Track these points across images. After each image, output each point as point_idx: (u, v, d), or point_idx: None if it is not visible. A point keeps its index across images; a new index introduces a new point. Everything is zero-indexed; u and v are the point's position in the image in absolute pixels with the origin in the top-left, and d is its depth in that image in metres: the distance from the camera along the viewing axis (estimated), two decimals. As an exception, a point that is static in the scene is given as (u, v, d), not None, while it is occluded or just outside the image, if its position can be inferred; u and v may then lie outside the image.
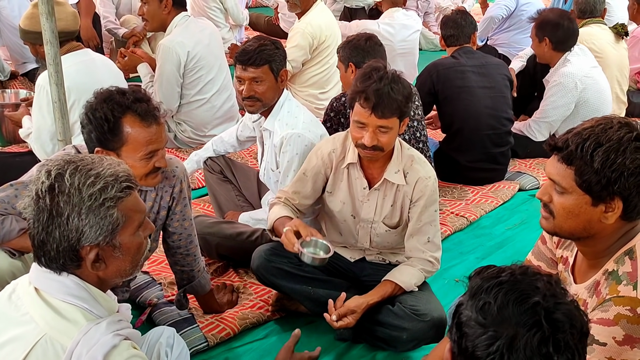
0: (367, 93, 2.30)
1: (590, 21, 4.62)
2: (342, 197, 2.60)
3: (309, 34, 4.31)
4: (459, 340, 1.22)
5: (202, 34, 4.08)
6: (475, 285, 1.24)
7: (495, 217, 3.67)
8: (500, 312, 1.18)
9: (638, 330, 1.55)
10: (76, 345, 1.42)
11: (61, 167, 1.47)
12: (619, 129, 1.57)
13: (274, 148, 2.83)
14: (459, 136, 3.81)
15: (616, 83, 4.53)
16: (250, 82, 2.73)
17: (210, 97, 4.14)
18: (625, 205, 1.58)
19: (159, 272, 2.92)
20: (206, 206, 3.51)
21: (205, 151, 3.31)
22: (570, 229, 1.67)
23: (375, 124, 2.33)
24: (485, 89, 3.79)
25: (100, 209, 1.45)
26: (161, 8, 3.94)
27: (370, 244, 2.66)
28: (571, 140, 1.59)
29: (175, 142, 4.22)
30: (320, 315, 2.62)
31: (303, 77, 4.50)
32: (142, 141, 2.07)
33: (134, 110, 2.07)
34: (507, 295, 1.19)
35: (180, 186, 2.40)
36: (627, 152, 1.54)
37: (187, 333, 2.50)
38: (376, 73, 2.34)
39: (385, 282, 2.51)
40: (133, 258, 1.55)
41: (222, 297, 2.74)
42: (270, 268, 2.57)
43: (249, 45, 2.74)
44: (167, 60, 3.95)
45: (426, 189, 2.48)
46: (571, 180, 1.60)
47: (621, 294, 1.58)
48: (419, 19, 5.29)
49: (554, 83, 3.99)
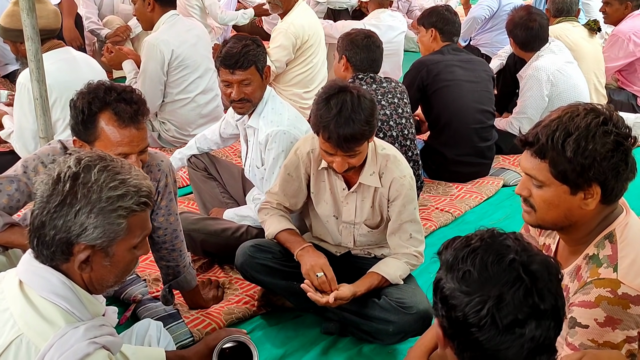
0: (329, 131, 2.27)
1: (564, 19, 4.69)
2: (326, 197, 2.61)
3: (291, 34, 4.31)
4: (447, 313, 1.24)
5: (188, 33, 4.07)
6: (450, 257, 1.27)
7: (479, 212, 3.69)
8: (481, 276, 1.22)
9: (619, 312, 1.57)
10: (49, 348, 1.39)
11: (92, 160, 1.46)
12: (586, 116, 1.59)
13: (259, 145, 2.83)
14: (446, 130, 3.83)
15: (593, 75, 4.58)
16: (239, 84, 2.71)
17: (194, 96, 4.12)
18: (603, 189, 1.60)
19: (143, 268, 2.91)
20: (191, 204, 3.50)
21: (189, 149, 3.30)
22: (553, 220, 1.68)
23: (342, 154, 2.33)
24: (472, 84, 3.83)
25: (111, 215, 1.43)
26: (145, 6, 3.93)
27: (354, 244, 2.67)
28: (541, 133, 1.61)
29: (159, 142, 4.19)
30: (306, 310, 2.63)
31: (287, 77, 4.50)
32: (113, 141, 2.06)
33: (112, 108, 2.05)
34: (484, 259, 1.23)
35: (165, 180, 2.38)
36: (596, 137, 1.56)
37: (172, 328, 2.49)
38: (336, 103, 2.28)
39: (371, 274, 2.51)
40: (119, 272, 1.52)
41: (208, 293, 2.73)
42: (254, 264, 2.56)
43: (230, 47, 2.69)
44: (150, 58, 3.93)
45: (402, 188, 2.48)
46: (547, 173, 1.62)
47: (602, 277, 1.61)
48: (404, 20, 5.32)
49: (527, 77, 4.07)
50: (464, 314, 1.21)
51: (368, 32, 3.31)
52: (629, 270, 1.59)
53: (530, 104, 4.06)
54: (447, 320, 1.25)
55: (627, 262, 1.61)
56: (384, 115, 3.26)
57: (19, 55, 3.45)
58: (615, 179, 1.60)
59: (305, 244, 2.53)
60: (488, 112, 3.90)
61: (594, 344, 1.58)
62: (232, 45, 2.69)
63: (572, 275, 1.71)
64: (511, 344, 1.19)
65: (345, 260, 2.71)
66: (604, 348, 1.57)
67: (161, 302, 2.60)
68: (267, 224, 2.61)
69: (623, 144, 1.59)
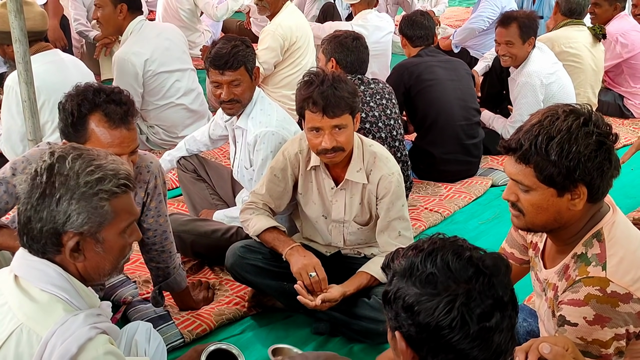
0: (314, 97, 2.34)
1: (572, 22, 4.62)
2: (313, 197, 2.62)
3: (279, 36, 4.32)
4: (414, 320, 1.22)
5: (158, 38, 4.05)
6: (406, 266, 1.26)
7: (468, 212, 3.71)
8: (445, 276, 1.22)
9: (608, 310, 1.58)
10: (51, 335, 1.40)
11: (65, 151, 1.48)
12: (566, 118, 1.60)
13: (247, 146, 2.83)
14: (433, 129, 3.85)
15: (589, 87, 4.60)
16: (228, 85, 2.72)
17: (177, 99, 4.12)
18: (590, 189, 1.62)
19: (133, 270, 2.90)
20: (180, 206, 3.49)
21: (178, 151, 3.29)
22: (542, 223, 1.69)
23: (329, 124, 2.36)
24: (453, 82, 3.87)
25: (92, 198, 1.45)
26: (116, 13, 3.89)
27: (344, 243, 2.68)
28: (523, 139, 1.61)
29: (148, 144, 4.18)
30: (296, 310, 2.63)
31: (276, 79, 4.50)
32: (104, 142, 2.06)
33: (102, 110, 2.06)
34: (444, 259, 1.23)
35: (154, 182, 2.38)
36: (579, 139, 1.57)
37: (163, 329, 2.49)
38: (317, 78, 2.38)
39: (360, 273, 2.53)
40: (114, 258, 1.53)
41: (198, 294, 2.73)
42: (244, 265, 2.57)
43: (220, 48, 2.70)
44: (122, 72, 3.90)
45: (390, 185, 2.50)
46: (533, 178, 1.62)
47: (591, 275, 1.62)
48: (391, 21, 5.33)
49: (520, 85, 4.05)
50: (433, 317, 1.20)
51: (355, 34, 3.33)
52: (617, 269, 1.61)
53: (526, 110, 4.06)
54: (415, 327, 1.23)
55: (615, 260, 1.62)
56: (372, 117, 3.28)
57: (6, 58, 3.43)
58: (601, 178, 1.61)
59: (293, 243, 2.53)
60: (472, 109, 3.94)
61: (582, 342, 1.59)
62: (221, 46, 2.70)
63: (561, 274, 1.72)
64: (481, 339, 1.20)
65: (335, 260, 2.72)
66: (593, 346, 1.58)
67: (151, 303, 2.60)
68: (252, 222, 2.60)
69: (605, 142, 1.61)
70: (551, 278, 1.76)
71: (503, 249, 2.06)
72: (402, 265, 1.27)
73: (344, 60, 3.27)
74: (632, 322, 1.59)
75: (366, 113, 3.26)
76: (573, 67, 4.41)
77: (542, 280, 1.82)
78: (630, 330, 1.59)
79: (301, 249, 2.52)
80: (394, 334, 1.28)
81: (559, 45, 4.46)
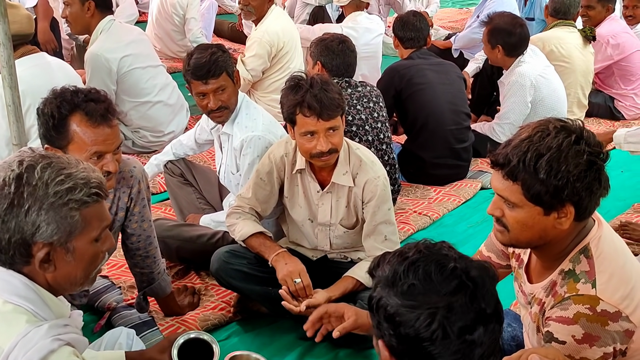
0: (308, 101, 2.33)
1: (561, 23, 4.64)
2: (299, 201, 2.61)
3: (266, 43, 4.29)
4: (395, 331, 1.20)
5: (130, 36, 4.04)
6: (389, 274, 1.23)
7: (457, 216, 3.70)
8: (425, 288, 1.19)
9: (597, 329, 1.55)
10: (14, 347, 1.37)
11: (34, 160, 1.45)
12: (557, 135, 1.56)
13: (233, 151, 2.82)
14: (423, 133, 3.84)
15: (579, 88, 4.59)
16: (214, 93, 2.71)
17: (154, 97, 4.10)
18: (577, 208, 1.58)
19: (118, 276, 2.89)
20: (168, 210, 3.48)
21: (165, 155, 3.28)
22: (527, 240, 1.66)
23: (324, 127, 2.35)
24: (444, 85, 3.85)
25: (62, 208, 1.42)
26: (84, 11, 3.87)
27: (330, 247, 2.67)
28: (511, 155, 1.57)
29: (134, 148, 4.16)
30: (282, 316, 2.62)
31: (265, 84, 4.48)
32: (87, 141, 2.05)
33: (82, 109, 2.05)
34: (426, 269, 1.20)
35: (138, 187, 2.37)
36: (569, 158, 1.53)
37: (147, 336, 2.47)
38: (304, 82, 2.37)
39: (345, 278, 2.52)
40: (85, 267, 1.51)
41: (183, 300, 2.71)
42: (229, 270, 2.55)
43: (198, 58, 2.68)
44: (95, 69, 3.87)
45: (376, 189, 2.49)
46: (520, 195, 1.58)
47: (580, 292, 1.59)
48: (382, 23, 5.32)
49: (510, 84, 4.04)
50: (414, 329, 1.17)
51: (342, 37, 3.32)
52: (607, 286, 1.58)
53: (513, 109, 4.07)
54: (395, 338, 1.20)
55: (605, 278, 1.59)
56: (359, 120, 3.27)
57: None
58: (589, 198, 1.57)
59: (279, 249, 2.52)
60: (463, 113, 3.92)
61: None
62: (198, 56, 2.68)
63: (548, 290, 1.69)
64: (463, 352, 1.18)
65: (322, 264, 2.71)
66: None
67: (136, 309, 2.58)
68: (238, 227, 2.59)
69: (596, 162, 1.56)
70: (537, 293, 1.73)
71: (480, 252, 2.04)
72: (385, 272, 1.24)
73: (329, 64, 3.26)
74: (619, 340, 1.56)
75: (353, 116, 3.25)
76: (563, 67, 4.41)
77: (528, 294, 1.79)
78: (617, 347, 1.57)
79: (287, 255, 2.50)
80: (378, 341, 1.26)
81: (549, 45, 4.45)
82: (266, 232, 2.60)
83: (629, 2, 5.27)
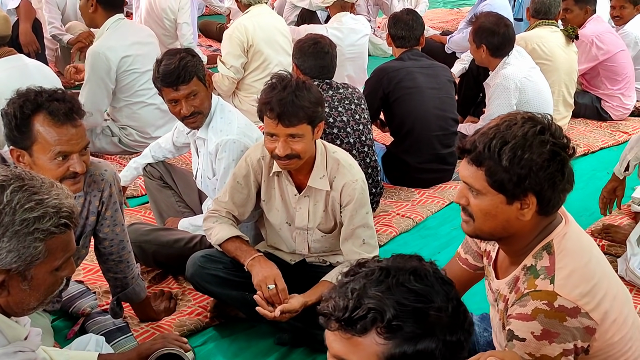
0: (272, 104, 2.30)
1: (543, 23, 4.64)
2: (277, 204, 2.58)
3: (235, 38, 4.29)
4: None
5: (136, 35, 4.02)
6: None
7: (441, 218, 3.67)
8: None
9: (555, 325, 1.54)
10: None
11: (6, 180, 1.39)
12: (523, 124, 1.57)
13: (209, 156, 2.79)
14: (409, 138, 3.80)
15: (564, 87, 4.58)
16: (186, 99, 2.66)
17: (148, 99, 4.07)
18: (539, 199, 1.58)
19: (94, 281, 2.85)
20: (147, 213, 3.44)
21: (144, 158, 3.24)
22: (490, 230, 1.66)
23: (284, 132, 2.32)
24: (433, 90, 3.80)
25: (27, 238, 1.37)
26: (87, 6, 3.88)
27: (308, 251, 2.64)
28: (478, 141, 1.59)
29: (121, 146, 4.13)
30: (259, 321, 2.58)
31: (247, 84, 4.46)
32: (51, 141, 2.01)
33: (46, 108, 2.01)
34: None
35: (109, 190, 2.33)
36: (533, 147, 1.55)
37: (120, 342, 2.44)
38: (280, 83, 2.33)
39: (322, 282, 2.48)
40: (40, 295, 1.46)
41: (159, 305, 2.68)
42: (204, 275, 2.52)
43: (167, 64, 2.63)
44: (95, 66, 3.85)
45: (354, 192, 2.46)
46: (483, 182, 1.59)
47: (538, 288, 1.59)
48: (367, 24, 5.29)
49: (495, 86, 4.02)
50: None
51: (316, 39, 3.27)
52: (566, 282, 1.57)
53: (497, 112, 4.02)
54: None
55: (564, 274, 1.59)
56: (340, 122, 3.23)
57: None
58: (552, 190, 1.58)
59: (255, 253, 2.49)
60: (450, 119, 3.88)
61: (531, 358, 1.56)
62: (167, 62, 2.64)
63: (511, 285, 1.69)
64: None
65: (300, 268, 2.68)
66: None
67: (110, 315, 2.55)
68: (215, 231, 2.56)
69: (560, 154, 1.57)
70: (502, 289, 1.73)
71: (458, 254, 2.04)
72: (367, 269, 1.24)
73: (302, 66, 3.23)
74: (580, 337, 1.55)
75: (334, 118, 3.22)
76: (546, 65, 4.39)
77: (494, 291, 1.79)
78: (578, 345, 1.56)
79: (263, 260, 2.47)
80: None
81: (531, 44, 4.44)
82: (243, 236, 2.56)
83: (616, 3, 5.25)
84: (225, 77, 4.30)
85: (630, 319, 1.68)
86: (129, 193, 3.58)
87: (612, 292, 1.63)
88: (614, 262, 3.05)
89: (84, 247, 2.36)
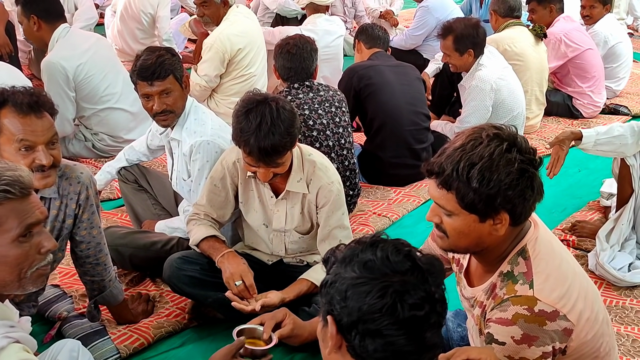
0: (250, 147, 2.29)
1: (512, 23, 4.73)
2: (255, 206, 2.60)
3: (219, 49, 4.22)
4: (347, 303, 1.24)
5: (87, 43, 3.99)
6: (346, 254, 1.29)
7: (417, 216, 3.70)
8: (383, 265, 1.25)
9: (535, 329, 1.57)
10: None
11: None
12: (489, 143, 1.57)
13: (183, 157, 2.79)
14: (381, 132, 3.85)
15: (536, 85, 4.66)
16: (159, 96, 2.65)
17: (114, 104, 4.05)
18: (511, 215, 1.60)
19: (70, 284, 2.83)
20: (124, 216, 3.43)
21: (118, 161, 3.22)
22: (465, 246, 1.69)
23: (268, 168, 2.35)
24: (403, 86, 3.86)
25: None
26: (32, 27, 3.83)
27: (286, 252, 2.66)
28: (445, 164, 1.58)
29: (95, 151, 4.11)
30: (236, 321, 2.58)
31: (224, 87, 4.44)
32: (14, 131, 2.02)
33: (10, 101, 2.03)
34: (384, 249, 1.27)
35: (86, 193, 2.32)
36: (500, 167, 1.55)
37: (97, 345, 2.43)
38: (254, 115, 2.29)
39: (300, 280, 2.52)
40: (11, 269, 1.46)
41: (137, 307, 2.67)
42: (181, 277, 2.53)
43: (145, 59, 2.63)
44: (52, 77, 3.81)
45: (330, 194, 2.49)
46: (455, 204, 1.60)
47: (518, 294, 1.61)
48: (342, 24, 5.32)
49: (471, 88, 4.07)
50: (366, 301, 1.22)
51: (291, 41, 3.28)
52: (544, 286, 1.60)
53: (474, 113, 4.10)
54: (347, 310, 1.23)
55: (542, 278, 1.62)
56: (320, 125, 3.26)
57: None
58: (523, 204, 1.59)
59: (225, 250, 2.51)
60: (422, 114, 3.93)
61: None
62: (146, 57, 2.64)
63: (488, 292, 1.72)
64: (408, 328, 1.21)
65: (277, 268, 2.70)
66: None
67: (87, 318, 2.54)
68: (192, 233, 2.58)
69: (528, 170, 1.58)
70: (479, 296, 1.75)
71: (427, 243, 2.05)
72: (344, 253, 1.30)
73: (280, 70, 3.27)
74: (558, 339, 1.59)
75: (314, 121, 3.24)
76: (518, 65, 4.47)
77: (469, 298, 1.81)
78: (556, 347, 1.59)
79: (231, 256, 2.49)
80: (325, 321, 1.29)
81: (503, 45, 4.52)
82: (219, 236, 2.58)
83: (586, 2, 5.36)
84: (197, 84, 4.28)
85: (601, 315, 1.72)
86: (105, 196, 3.57)
87: (584, 290, 1.67)
88: (584, 257, 3.13)
89: (60, 250, 2.35)
